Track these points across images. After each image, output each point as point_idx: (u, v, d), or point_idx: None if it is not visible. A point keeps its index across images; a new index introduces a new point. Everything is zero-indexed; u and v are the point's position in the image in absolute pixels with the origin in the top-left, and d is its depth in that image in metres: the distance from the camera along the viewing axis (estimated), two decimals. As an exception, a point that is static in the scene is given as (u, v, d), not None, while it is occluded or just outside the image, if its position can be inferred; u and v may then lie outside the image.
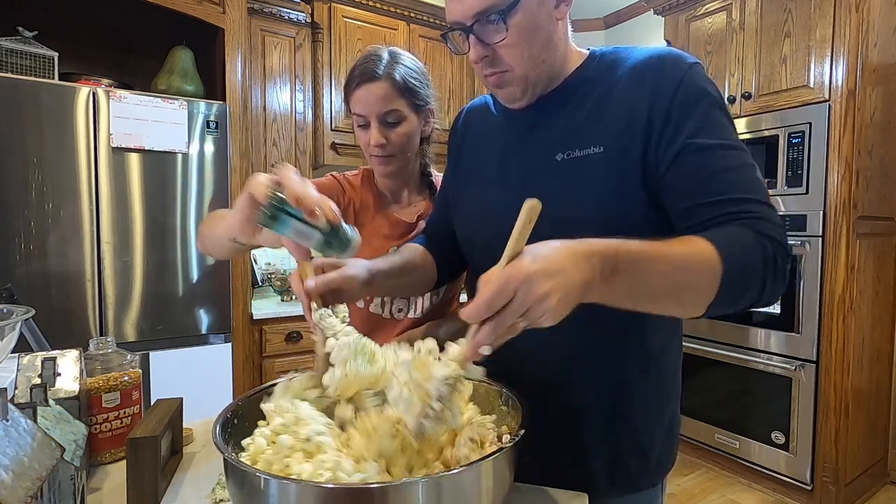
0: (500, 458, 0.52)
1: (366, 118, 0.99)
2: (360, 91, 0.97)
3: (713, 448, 2.61)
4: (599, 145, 0.70)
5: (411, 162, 1.06)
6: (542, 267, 0.49)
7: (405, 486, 0.48)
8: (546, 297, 0.48)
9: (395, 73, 0.96)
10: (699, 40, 2.67)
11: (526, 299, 0.48)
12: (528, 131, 0.78)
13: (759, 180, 0.65)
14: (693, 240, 0.59)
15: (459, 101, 3.15)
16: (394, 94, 0.97)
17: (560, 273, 0.49)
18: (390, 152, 1.00)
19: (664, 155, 0.67)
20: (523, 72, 0.72)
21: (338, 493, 0.48)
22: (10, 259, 1.78)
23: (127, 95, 1.95)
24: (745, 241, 0.59)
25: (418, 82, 1.00)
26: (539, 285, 0.48)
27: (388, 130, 0.99)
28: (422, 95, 1.01)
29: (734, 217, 0.62)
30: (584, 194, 0.70)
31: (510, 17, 0.67)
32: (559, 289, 0.49)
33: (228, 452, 0.53)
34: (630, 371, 0.74)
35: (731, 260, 0.57)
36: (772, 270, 0.60)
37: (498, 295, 0.48)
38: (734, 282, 0.58)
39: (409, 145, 1.02)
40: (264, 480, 0.49)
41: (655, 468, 0.77)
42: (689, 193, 0.66)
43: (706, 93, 0.68)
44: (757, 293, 0.60)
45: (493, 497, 0.53)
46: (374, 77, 0.96)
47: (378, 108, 0.97)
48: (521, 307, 0.48)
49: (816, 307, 2.23)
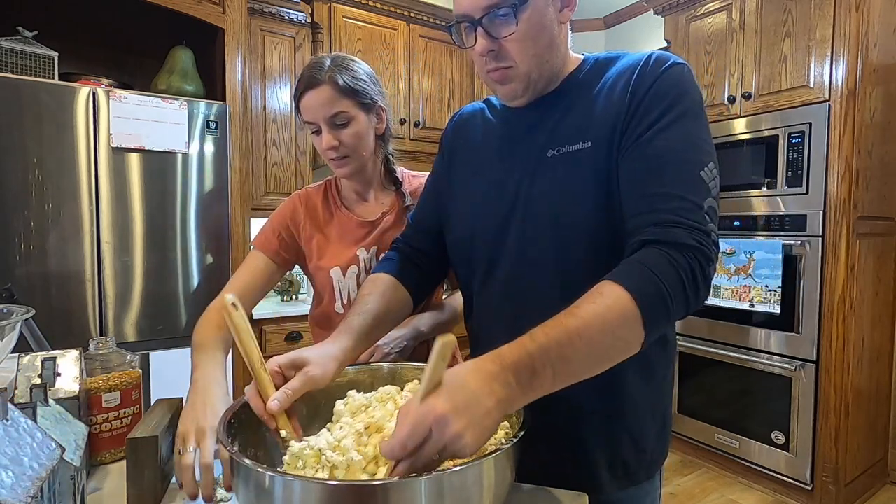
0: (502, 457, 0.53)
1: (316, 124, 1.01)
2: (305, 99, 1.00)
3: (713, 448, 2.61)
4: (587, 140, 0.71)
5: (370, 161, 1.08)
6: (454, 404, 0.50)
7: (408, 483, 0.48)
8: (459, 436, 0.50)
9: (336, 76, 0.99)
10: (699, 40, 2.67)
11: (441, 439, 0.49)
12: (522, 132, 0.80)
13: (697, 177, 0.64)
14: (604, 291, 0.58)
15: (459, 101, 3.15)
16: (337, 97, 0.99)
17: (472, 406, 0.51)
18: (344, 153, 1.02)
19: (623, 146, 0.68)
20: (527, 69, 0.73)
21: (341, 490, 0.48)
22: (10, 259, 1.78)
23: (127, 95, 1.95)
24: (656, 268, 0.59)
25: (362, 82, 1.02)
26: (452, 425, 0.49)
27: (338, 132, 1.01)
28: (368, 95, 1.02)
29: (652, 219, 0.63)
30: (574, 188, 0.71)
31: (520, 13, 0.69)
32: (472, 424, 0.50)
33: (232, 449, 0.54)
34: (627, 371, 0.74)
35: (644, 298, 0.57)
36: (691, 282, 0.60)
37: (411, 436, 0.50)
38: (656, 315, 0.58)
39: (362, 144, 1.03)
40: (269, 477, 0.49)
41: (651, 461, 0.79)
42: (626, 184, 0.67)
43: (680, 90, 0.68)
44: (682, 309, 0.61)
45: (495, 495, 0.54)
46: (317, 83, 0.98)
47: (324, 112, 0.99)
48: (437, 445, 0.50)
49: (816, 307, 2.23)
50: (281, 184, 2.63)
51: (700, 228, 0.62)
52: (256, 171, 2.55)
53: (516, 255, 0.76)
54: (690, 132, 0.67)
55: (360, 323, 0.77)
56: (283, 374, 0.65)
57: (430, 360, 0.53)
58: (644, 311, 0.57)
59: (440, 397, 0.51)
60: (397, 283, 0.86)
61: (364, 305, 0.80)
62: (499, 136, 0.84)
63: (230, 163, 2.19)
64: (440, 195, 0.91)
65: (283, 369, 0.65)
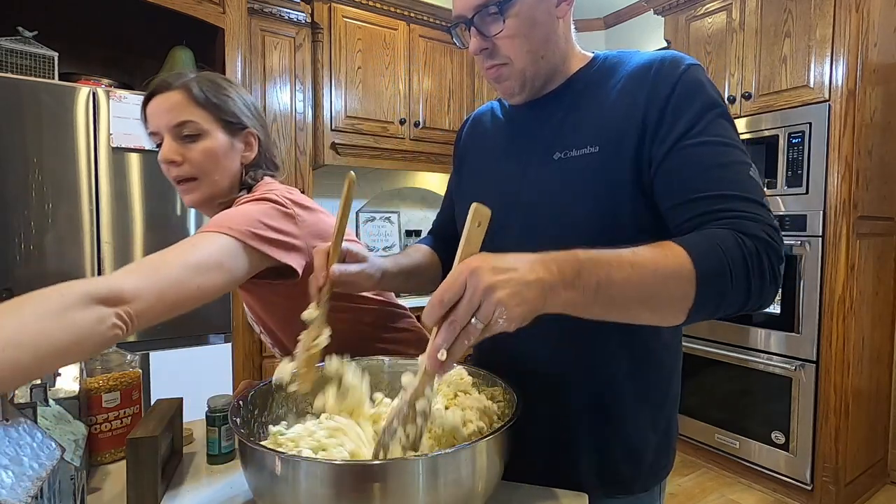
0: (493, 441, 0.56)
1: (158, 135, 0.86)
2: (149, 105, 0.86)
3: (713, 448, 2.61)
4: (595, 145, 0.70)
5: (223, 190, 0.89)
6: (492, 263, 0.49)
7: (405, 463, 0.52)
8: (493, 290, 0.47)
9: (192, 84, 0.85)
10: (699, 40, 2.67)
11: (475, 293, 0.48)
12: (528, 131, 0.80)
13: (750, 178, 0.63)
14: (665, 245, 0.57)
15: (459, 101, 3.15)
16: (188, 105, 0.84)
17: (510, 270, 0.49)
18: (190, 174, 0.86)
19: (655, 153, 0.67)
20: (521, 65, 0.73)
21: (342, 470, 0.51)
22: (10, 259, 1.78)
23: (127, 95, 1.95)
24: (722, 241, 0.57)
25: (228, 100, 0.88)
26: (486, 277, 0.48)
27: (184, 146, 0.85)
28: (232, 112, 0.88)
29: (718, 216, 0.61)
30: (580, 193, 0.71)
31: (508, 10, 0.69)
32: (508, 284, 0.48)
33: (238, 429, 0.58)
34: (619, 371, 0.74)
35: (704, 263, 0.55)
36: (757, 270, 0.57)
37: (448, 289, 0.49)
38: (710, 285, 0.56)
39: (215, 168, 0.86)
40: (273, 458, 0.52)
41: (649, 473, 0.76)
42: (676, 190, 0.65)
43: (702, 92, 0.67)
44: (742, 295, 0.58)
45: (487, 479, 0.57)
46: (167, 87, 0.85)
47: (168, 119, 0.84)
48: (472, 301, 0.48)
49: (816, 307, 2.23)
50: (281, 184, 2.63)
51: (770, 224, 0.60)
52: (256, 171, 2.55)
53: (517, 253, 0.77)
54: (728, 134, 0.66)
55: (406, 262, 0.86)
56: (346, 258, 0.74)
57: (465, 228, 0.53)
58: (700, 277, 0.55)
59: (478, 256, 0.51)
60: (432, 252, 0.95)
61: (411, 255, 0.91)
62: (506, 135, 0.84)
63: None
64: (453, 201, 0.95)
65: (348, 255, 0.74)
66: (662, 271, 0.55)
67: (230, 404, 0.70)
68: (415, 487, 0.51)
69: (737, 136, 0.68)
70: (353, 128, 2.79)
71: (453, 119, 3.12)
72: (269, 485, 0.54)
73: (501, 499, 0.67)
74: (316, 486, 0.51)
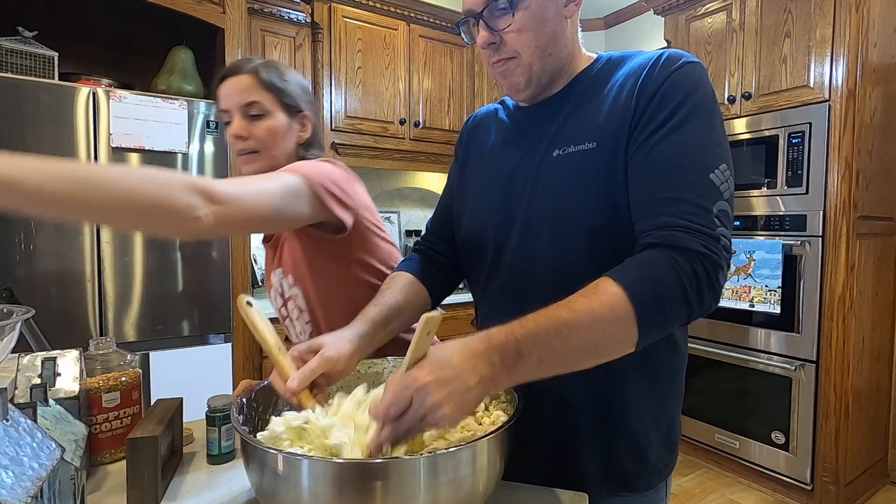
0: (493, 441, 0.56)
1: (228, 112, 0.97)
2: (223, 86, 0.97)
3: (713, 448, 2.61)
4: (593, 141, 0.71)
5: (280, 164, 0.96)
6: (436, 377, 0.53)
7: (406, 462, 0.53)
8: (439, 406, 0.52)
9: (260, 69, 0.96)
10: (699, 40, 2.67)
11: (420, 408, 0.53)
12: (531, 130, 0.80)
13: (707, 180, 0.63)
14: (600, 288, 0.59)
15: (459, 101, 3.15)
16: (256, 87, 0.95)
17: (454, 379, 0.53)
18: (253, 147, 0.97)
19: (631, 147, 0.68)
20: (529, 60, 0.74)
21: (343, 469, 0.52)
22: (10, 259, 1.78)
23: (127, 95, 1.95)
24: (655, 270, 0.59)
25: (288, 83, 0.99)
26: (432, 395, 0.52)
27: (250, 123, 0.96)
28: (292, 96, 0.99)
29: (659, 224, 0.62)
30: (578, 188, 0.71)
31: (518, 5, 0.70)
32: (452, 397, 0.53)
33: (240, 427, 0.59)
34: (624, 368, 0.73)
35: (639, 297, 0.57)
36: (694, 286, 0.59)
37: (394, 403, 0.53)
38: (650, 316, 0.58)
39: (275, 144, 0.97)
40: (275, 456, 0.53)
41: (653, 471, 0.77)
42: (635, 187, 0.67)
43: (687, 88, 0.67)
44: (683, 313, 0.60)
45: (487, 478, 0.57)
46: (238, 71, 0.97)
47: (239, 99, 0.95)
48: (417, 415, 0.53)
49: (816, 307, 2.23)
50: (281, 184, 2.63)
51: (707, 233, 0.61)
52: (256, 171, 2.55)
53: (518, 252, 0.77)
54: (700, 133, 0.65)
55: (377, 313, 0.80)
56: (303, 359, 0.69)
57: (415, 335, 0.56)
58: (639, 312, 0.57)
59: (423, 369, 0.54)
60: (416, 280, 0.89)
61: (381, 297, 0.83)
62: (509, 135, 0.84)
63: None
64: (453, 199, 0.94)
65: (302, 354, 0.69)
66: (600, 322, 0.57)
67: (230, 404, 0.70)
68: (415, 486, 0.51)
69: (715, 134, 0.66)
70: (353, 128, 2.79)
71: (453, 119, 3.12)
72: (272, 483, 0.54)
73: (501, 498, 0.67)
74: (318, 485, 0.51)
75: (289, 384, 0.65)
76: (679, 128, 0.65)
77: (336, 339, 0.71)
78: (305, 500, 0.52)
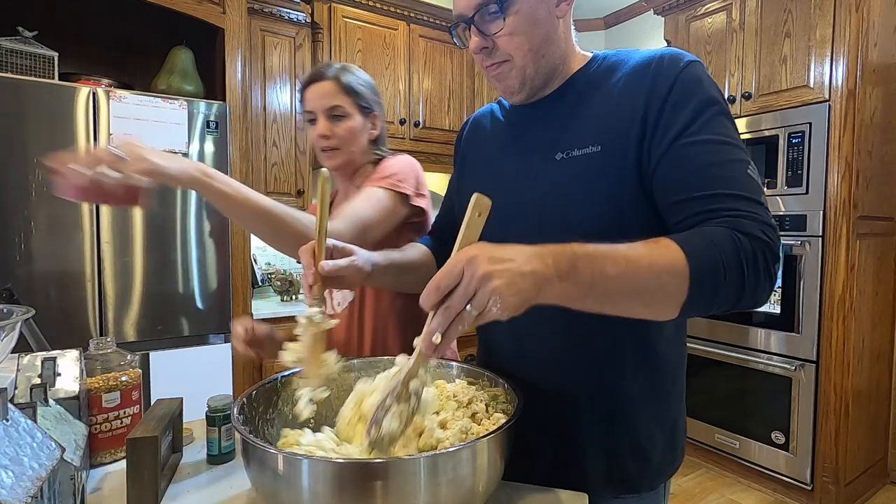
0: (493, 440, 0.56)
1: (313, 113, 1.10)
2: (309, 89, 1.10)
3: (713, 448, 2.61)
4: (598, 144, 0.70)
5: (357, 159, 1.14)
6: (489, 253, 0.51)
7: (406, 462, 0.53)
8: (489, 279, 0.49)
9: (341, 75, 1.10)
10: (699, 40, 2.67)
11: (471, 281, 0.49)
12: (529, 131, 0.80)
13: (748, 176, 0.63)
14: (660, 241, 0.58)
15: (459, 101, 3.15)
16: (338, 92, 1.08)
17: (507, 260, 0.51)
18: (335, 145, 1.10)
19: (654, 151, 0.67)
20: (522, 63, 0.73)
21: (343, 468, 0.52)
22: (10, 259, 1.78)
23: (127, 95, 1.95)
24: (717, 238, 0.58)
25: (363, 87, 1.12)
26: (482, 266, 0.50)
27: (333, 124, 1.09)
28: (367, 99, 1.12)
29: (714, 214, 0.61)
30: (583, 192, 0.70)
31: (508, 8, 0.70)
32: (504, 274, 0.50)
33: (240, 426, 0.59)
34: (625, 368, 0.74)
35: (697, 259, 0.56)
36: (752, 267, 0.58)
37: (445, 276, 0.51)
38: (704, 281, 0.56)
39: (353, 141, 1.11)
40: (276, 456, 0.53)
41: (657, 472, 0.76)
42: (674, 189, 0.66)
43: (700, 89, 0.67)
44: (735, 292, 0.58)
45: (487, 478, 0.57)
46: (322, 77, 1.09)
47: (324, 104, 1.08)
48: (468, 289, 0.50)
49: (816, 307, 2.23)
50: (281, 184, 2.63)
51: (766, 222, 0.60)
52: (256, 171, 2.55)
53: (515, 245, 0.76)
54: (729, 132, 0.66)
55: (398, 257, 0.85)
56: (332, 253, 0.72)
57: (466, 216, 0.55)
58: (693, 273, 0.56)
59: (476, 245, 0.53)
60: (428, 252, 0.93)
61: (405, 251, 0.90)
62: (507, 136, 0.84)
63: (230, 163, 2.19)
64: (453, 201, 0.94)
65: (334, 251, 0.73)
66: (656, 267, 0.56)
67: (230, 404, 0.71)
68: (415, 486, 0.51)
69: (736, 134, 0.67)
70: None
71: (453, 119, 3.12)
72: (272, 483, 0.54)
73: (501, 498, 0.67)
74: (318, 484, 0.51)
75: (322, 264, 0.68)
76: (706, 128, 0.65)
77: (364, 254, 0.76)
78: (305, 500, 0.52)
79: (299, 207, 2.69)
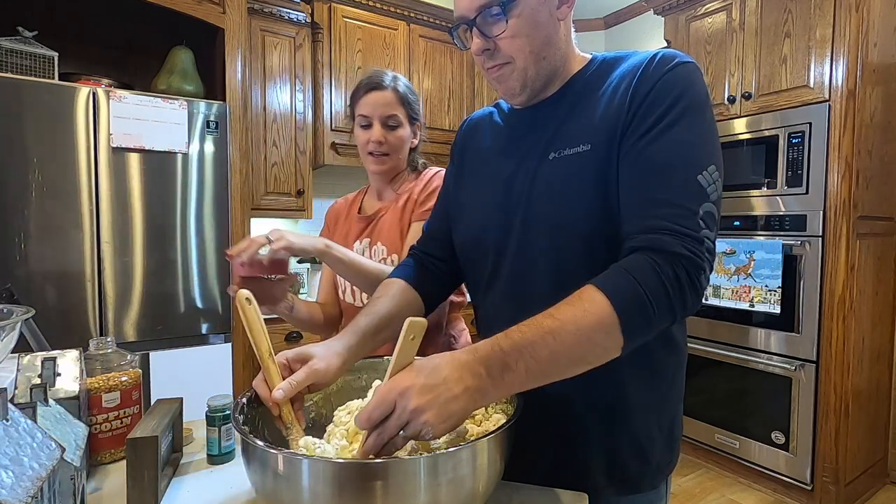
0: (493, 440, 0.56)
1: (369, 119, 1.15)
2: (369, 96, 1.15)
3: (713, 448, 2.61)
4: (588, 143, 0.70)
5: (400, 165, 1.21)
6: (421, 382, 0.53)
7: (406, 462, 0.53)
8: (422, 411, 0.52)
9: (398, 85, 1.16)
10: (699, 40, 2.67)
11: (403, 413, 0.52)
12: (526, 132, 0.80)
13: (694, 181, 0.63)
14: (584, 293, 0.59)
15: (459, 101, 3.15)
16: (396, 102, 1.15)
17: (439, 386, 0.53)
18: (386, 151, 1.17)
19: (622, 150, 0.67)
20: (523, 65, 0.73)
21: (344, 468, 0.52)
22: (10, 259, 1.78)
23: (127, 95, 1.95)
24: (637, 274, 0.59)
25: (414, 98, 1.19)
26: (413, 400, 0.52)
27: (387, 132, 1.16)
28: (416, 110, 1.19)
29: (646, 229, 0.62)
30: (574, 190, 0.71)
31: (510, 11, 0.69)
32: (435, 403, 0.52)
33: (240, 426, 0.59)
34: (624, 369, 0.73)
35: (623, 301, 0.58)
36: (676, 288, 0.59)
37: (377, 407, 0.53)
38: (634, 319, 0.58)
39: (401, 149, 1.18)
40: (276, 456, 0.53)
41: (656, 470, 0.77)
42: (625, 189, 0.67)
43: (681, 90, 0.66)
44: (667, 314, 0.60)
45: (487, 478, 0.57)
46: (383, 86, 1.15)
47: (382, 111, 1.14)
48: (400, 420, 0.52)
49: (816, 307, 2.23)
50: (281, 184, 2.63)
51: (691, 235, 0.61)
52: (256, 171, 2.55)
53: (517, 256, 0.76)
54: (691, 133, 0.65)
55: (367, 323, 0.79)
56: (290, 367, 0.69)
57: (399, 340, 0.56)
58: (622, 319, 0.57)
59: (408, 373, 0.54)
60: (409, 287, 0.88)
61: (373, 307, 0.83)
62: (505, 138, 0.84)
63: (230, 163, 2.19)
64: (450, 202, 0.93)
65: (290, 362, 0.69)
66: (585, 330, 0.57)
67: (230, 404, 0.70)
68: (415, 486, 0.51)
69: (707, 134, 0.66)
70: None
71: (453, 119, 3.12)
72: (272, 483, 0.54)
73: (501, 498, 0.67)
74: (318, 484, 0.51)
75: (274, 394, 0.64)
76: (670, 128, 0.65)
77: (326, 350, 0.71)
78: (305, 500, 0.52)
79: (299, 207, 2.70)
